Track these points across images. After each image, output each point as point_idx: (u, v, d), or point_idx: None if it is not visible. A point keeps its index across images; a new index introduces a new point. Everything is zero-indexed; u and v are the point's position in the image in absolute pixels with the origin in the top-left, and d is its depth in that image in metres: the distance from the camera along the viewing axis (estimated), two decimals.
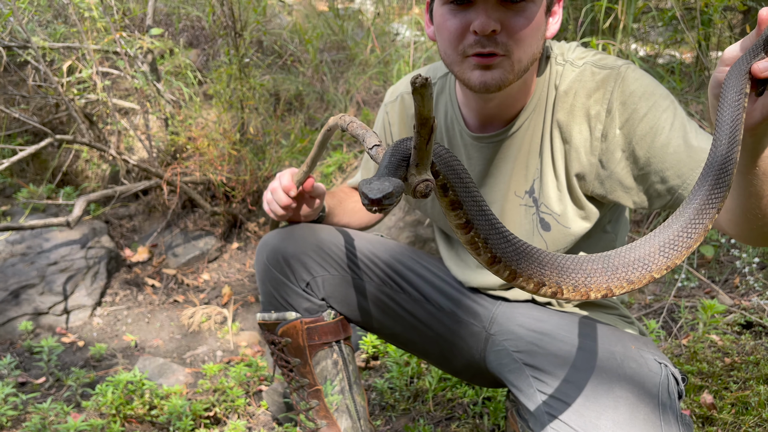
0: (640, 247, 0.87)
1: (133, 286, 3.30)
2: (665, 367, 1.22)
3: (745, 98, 0.86)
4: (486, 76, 1.27)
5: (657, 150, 1.23)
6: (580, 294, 0.87)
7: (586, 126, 1.32)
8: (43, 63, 2.96)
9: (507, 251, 0.86)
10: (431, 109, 0.74)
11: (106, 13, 3.07)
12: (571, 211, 1.37)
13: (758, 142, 0.91)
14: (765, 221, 1.01)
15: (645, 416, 1.11)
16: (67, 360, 2.72)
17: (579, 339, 1.29)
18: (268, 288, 1.56)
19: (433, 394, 2.05)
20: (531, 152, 1.39)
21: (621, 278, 0.86)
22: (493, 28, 1.22)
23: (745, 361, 1.92)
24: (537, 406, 1.23)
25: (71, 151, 3.90)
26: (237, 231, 3.62)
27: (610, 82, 1.29)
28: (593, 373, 1.18)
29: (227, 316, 3.00)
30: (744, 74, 0.86)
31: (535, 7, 1.25)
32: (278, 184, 1.51)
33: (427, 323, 1.54)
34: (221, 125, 3.34)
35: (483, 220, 0.87)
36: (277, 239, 1.56)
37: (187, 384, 2.45)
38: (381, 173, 0.81)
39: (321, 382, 1.54)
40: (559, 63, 1.37)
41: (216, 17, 3.58)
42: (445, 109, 1.52)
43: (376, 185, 0.77)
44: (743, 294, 2.42)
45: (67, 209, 3.51)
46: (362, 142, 1.00)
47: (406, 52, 3.92)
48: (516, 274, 0.86)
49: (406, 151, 0.84)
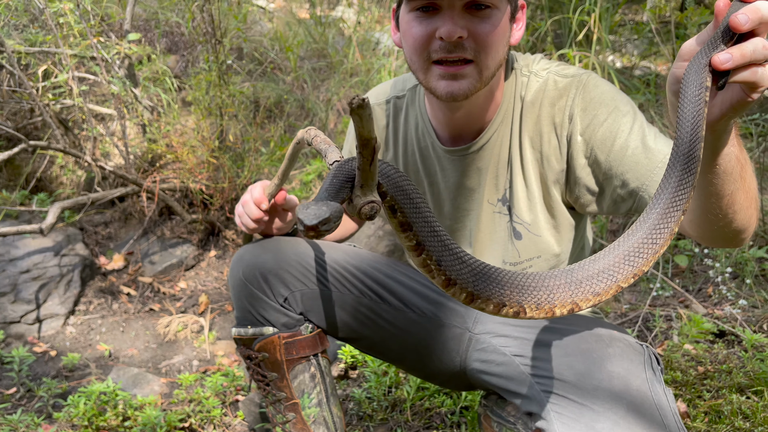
0: (604, 258, 0.86)
1: (107, 294, 3.25)
2: (647, 348, 1.26)
3: (706, 92, 0.84)
4: (453, 86, 1.29)
5: (616, 153, 1.26)
6: (545, 312, 0.86)
7: (553, 134, 1.35)
8: (17, 67, 2.91)
9: (462, 273, 0.84)
10: (371, 129, 0.73)
11: (82, 18, 3.03)
12: (543, 220, 1.41)
13: (718, 140, 0.91)
14: (725, 221, 1.02)
15: (637, 387, 1.13)
16: (38, 370, 2.67)
17: (564, 327, 1.31)
18: (244, 303, 1.53)
19: (411, 404, 2.04)
20: (500, 163, 1.42)
21: (586, 291, 0.85)
22: (460, 34, 1.24)
23: (718, 369, 1.95)
24: (532, 389, 1.25)
25: (46, 156, 3.83)
26: (215, 239, 3.58)
27: (572, 90, 1.33)
28: (584, 354, 1.20)
29: (204, 325, 2.97)
30: (704, 67, 0.84)
31: (500, 14, 1.28)
32: (249, 197, 1.49)
33: (407, 330, 1.53)
34: (200, 132, 3.32)
35: (435, 241, 0.85)
36: (253, 254, 1.53)
37: (162, 394, 2.41)
38: (320, 196, 0.80)
39: (298, 395, 1.52)
40: (524, 74, 1.41)
41: (196, 23, 3.56)
42: (416, 121, 1.54)
43: (313, 210, 0.75)
44: (716, 303, 2.46)
45: (41, 216, 3.45)
46: (324, 157, 0.99)
47: (387, 61, 3.94)
48: (473, 296, 0.85)
49: (351, 172, 0.83)
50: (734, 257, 2.55)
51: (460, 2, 1.24)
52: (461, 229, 1.53)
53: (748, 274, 2.47)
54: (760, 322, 2.21)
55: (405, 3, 1.31)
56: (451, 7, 1.25)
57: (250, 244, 1.60)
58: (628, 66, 4.12)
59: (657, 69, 4.02)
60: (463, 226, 1.52)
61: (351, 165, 0.84)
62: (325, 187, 0.82)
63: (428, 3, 1.27)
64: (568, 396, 1.16)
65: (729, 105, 0.86)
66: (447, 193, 1.52)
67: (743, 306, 2.32)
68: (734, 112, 0.86)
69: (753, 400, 1.77)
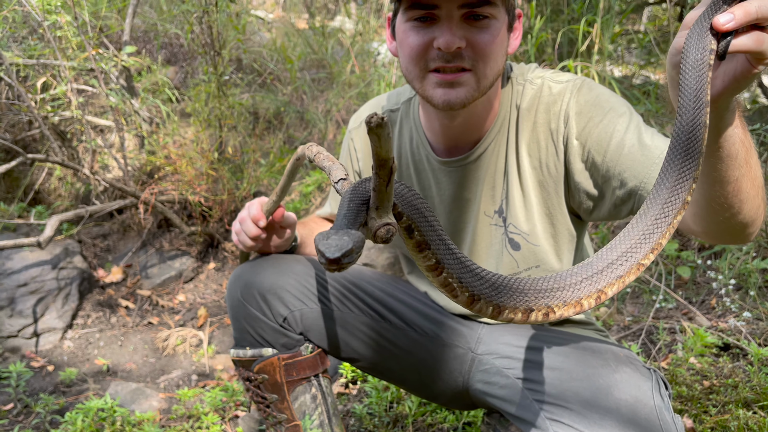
0: (620, 244, 0.84)
1: (106, 307, 3.22)
2: (654, 372, 1.23)
3: (710, 56, 0.78)
4: (450, 95, 1.27)
5: (612, 154, 1.23)
6: (572, 306, 0.84)
7: (550, 140, 1.33)
8: (15, 79, 2.90)
9: (483, 288, 0.82)
10: (390, 149, 0.70)
11: (81, 30, 3.02)
12: (541, 229, 1.38)
13: (720, 118, 0.86)
14: (731, 212, 0.98)
15: (645, 416, 1.11)
16: (36, 385, 2.64)
17: (569, 350, 1.28)
18: (243, 324, 1.50)
19: (413, 420, 2.01)
20: (497, 173, 1.40)
21: (609, 277, 0.83)
22: (458, 45, 1.22)
23: (724, 384, 1.92)
24: (537, 415, 1.21)
25: (44, 169, 3.81)
26: (214, 251, 3.56)
27: (566, 94, 1.31)
28: (590, 380, 1.17)
29: (203, 338, 2.94)
30: (705, 31, 0.78)
31: (498, 23, 1.27)
32: (247, 214, 1.46)
33: (408, 350, 1.51)
34: (199, 144, 3.30)
35: (452, 259, 0.82)
36: (251, 273, 1.51)
37: (160, 410, 2.38)
38: (339, 224, 0.76)
39: (299, 417, 1.50)
40: (519, 83, 1.39)
41: (195, 35, 3.56)
42: (410, 134, 1.52)
43: (334, 241, 0.71)
44: (720, 315, 2.43)
45: (39, 229, 3.42)
46: (328, 175, 0.96)
47: (386, 72, 3.93)
48: (500, 308, 0.83)
49: (365, 194, 0.79)
50: (737, 268, 2.53)
51: (459, 12, 1.23)
52: (457, 243, 1.50)
53: (752, 285, 2.45)
54: (765, 334, 2.19)
55: (402, 12, 1.29)
56: (450, 18, 1.23)
57: (248, 262, 1.57)
58: (628, 75, 4.12)
59: (656, 78, 4.02)
60: (459, 240, 1.50)
61: (365, 186, 0.80)
62: (343, 213, 0.77)
63: (426, 13, 1.25)
64: (575, 426, 1.13)
65: (732, 77, 0.81)
66: (442, 207, 1.49)
67: (747, 318, 2.30)
68: (737, 85, 0.81)
69: (760, 415, 1.75)
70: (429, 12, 1.24)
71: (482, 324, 1.49)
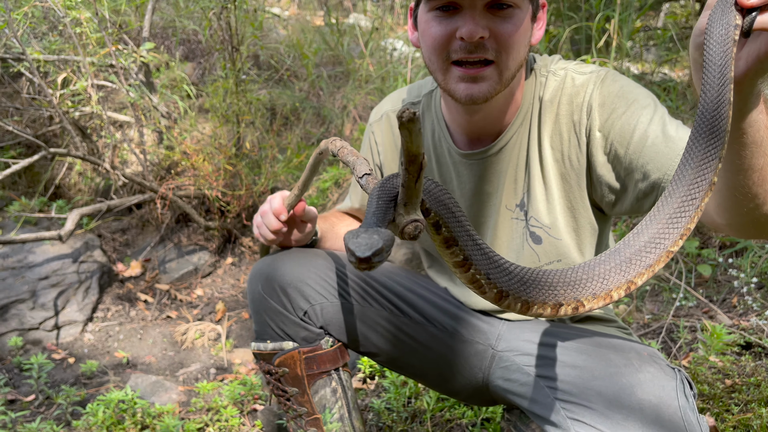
0: (647, 228, 0.82)
1: (125, 301, 3.26)
2: (678, 372, 1.21)
3: (735, 31, 0.76)
4: (473, 89, 1.25)
5: (635, 146, 1.20)
6: (602, 299, 0.82)
7: (573, 132, 1.31)
8: (37, 75, 2.93)
9: (512, 283, 0.81)
10: (420, 144, 0.69)
11: (101, 26, 3.05)
12: (562, 222, 1.36)
13: (744, 102, 0.83)
14: (756, 203, 0.94)
15: (669, 417, 1.09)
16: (57, 377, 2.67)
17: (592, 348, 1.26)
18: (264, 318, 1.51)
19: (431, 415, 2.02)
20: (519, 166, 1.38)
21: (639, 266, 0.81)
22: (481, 34, 1.21)
23: (746, 382, 1.90)
24: (558, 414, 1.20)
25: (64, 163, 3.86)
26: (231, 246, 3.58)
27: (589, 85, 1.29)
28: (613, 379, 1.16)
29: (221, 332, 2.96)
30: (730, 7, 0.76)
31: (522, 13, 1.25)
32: (268, 207, 1.46)
33: (428, 345, 1.51)
34: (217, 140, 3.32)
35: (480, 255, 0.81)
36: (272, 266, 1.51)
37: (180, 402, 2.41)
38: (369, 222, 0.76)
39: (319, 410, 1.50)
40: (542, 75, 1.37)
41: (213, 31, 3.58)
42: (432, 126, 1.51)
43: (364, 240, 0.71)
44: (741, 314, 2.41)
45: (59, 223, 3.47)
46: (352, 170, 0.95)
47: (403, 68, 3.93)
48: (529, 303, 0.82)
49: (394, 190, 0.79)
50: (759, 267, 2.51)
51: (482, 2, 1.21)
52: None
53: None
54: None
55: (424, 2, 1.28)
56: (473, 7, 1.21)
57: (269, 256, 1.58)
58: (647, 72, 4.08)
59: (676, 76, 3.98)
60: (480, 234, 1.48)
61: (393, 182, 0.80)
62: (372, 211, 0.77)
63: (449, 3, 1.23)
64: (597, 426, 1.12)
65: (756, 58, 0.79)
66: (463, 200, 1.48)
67: None
68: (761, 65, 0.79)
69: None
70: (452, 1, 1.23)
71: (503, 321, 1.49)
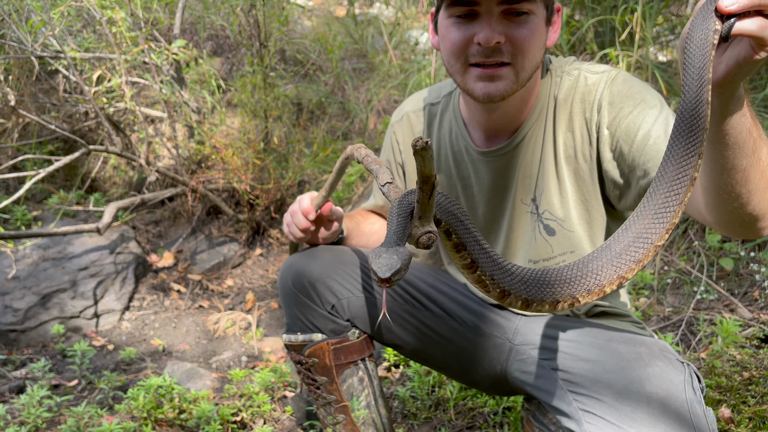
0: (634, 224, 0.88)
1: (159, 291, 3.39)
2: (687, 366, 1.27)
3: (713, 35, 0.81)
4: (490, 87, 1.33)
5: (638, 144, 1.27)
6: (596, 294, 0.91)
7: (584, 129, 1.39)
8: (76, 73, 3.05)
9: (513, 283, 0.92)
10: (432, 168, 0.80)
11: (134, 24, 3.15)
12: (575, 216, 1.44)
13: (725, 105, 0.87)
14: (740, 202, 0.99)
15: (676, 410, 1.15)
16: (98, 363, 2.81)
17: (604, 342, 1.34)
18: (294, 311, 1.61)
19: (454, 403, 2.09)
20: (533, 162, 1.46)
21: (628, 261, 0.89)
22: (498, 40, 1.29)
23: (764, 375, 1.94)
24: (570, 405, 1.28)
25: (99, 157, 4.00)
26: (260, 238, 3.69)
27: (600, 84, 1.36)
28: (623, 373, 1.23)
29: (251, 321, 3.08)
30: (710, 13, 0.81)
31: (537, 18, 1.32)
32: (298, 207, 1.56)
33: (449, 338, 1.58)
34: (246, 134, 3.42)
35: (486, 258, 0.92)
36: (302, 263, 1.60)
37: (213, 389, 2.52)
38: (390, 240, 0.87)
39: (348, 398, 1.59)
40: (557, 75, 1.45)
41: (240, 26, 3.66)
42: (450, 126, 1.59)
43: (385, 261, 0.83)
44: (762, 307, 2.43)
45: (96, 215, 3.61)
46: (375, 178, 1.06)
47: (426, 62, 3.97)
48: (528, 301, 0.91)
49: (410, 206, 0.91)
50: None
51: (498, 9, 1.29)
52: (496, 230, 1.56)
53: None
54: None
55: (444, 9, 1.36)
56: (489, 14, 1.29)
57: (298, 253, 1.67)
58: (671, 60, 4.06)
59: None
60: (498, 227, 1.56)
61: (409, 199, 0.92)
62: (393, 229, 0.89)
63: (467, 10, 1.31)
64: (606, 418, 1.19)
65: (735, 62, 0.83)
66: (481, 196, 1.56)
67: None
68: (740, 70, 0.83)
69: None
70: (470, 8, 1.30)
71: (519, 315, 1.56)
